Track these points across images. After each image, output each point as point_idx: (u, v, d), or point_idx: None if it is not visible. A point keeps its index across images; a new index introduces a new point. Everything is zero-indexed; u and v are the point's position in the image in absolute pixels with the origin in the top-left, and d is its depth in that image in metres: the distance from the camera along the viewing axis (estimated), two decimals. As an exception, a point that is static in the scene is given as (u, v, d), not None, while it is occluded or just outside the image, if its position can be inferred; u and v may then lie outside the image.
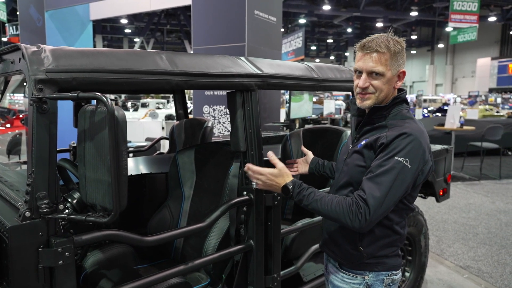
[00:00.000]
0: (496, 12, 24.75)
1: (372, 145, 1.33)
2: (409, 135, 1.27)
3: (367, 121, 1.40)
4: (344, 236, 1.40)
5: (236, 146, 1.67)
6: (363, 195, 1.24)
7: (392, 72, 1.34)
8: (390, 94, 1.37)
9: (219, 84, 1.56)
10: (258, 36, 5.76)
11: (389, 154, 1.25)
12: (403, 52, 1.36)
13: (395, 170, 1.23)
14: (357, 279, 1.40)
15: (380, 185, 1.23)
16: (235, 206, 1.60)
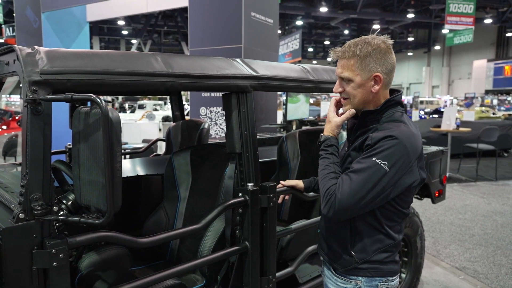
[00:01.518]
0: (492, 15, 24.88)
1: (360, 147, 1.32)
2: (394, 138, 1.23)
3: (360, 124, 1.38)
4: (337, 240, 1.39)
5: (231, 147, 1.67)
6: (336, 187, 1.26)
7: (361, 77, 1.31)
8: (369, 99, 1.34)
9: (214, 85, 1.57)
10: (255, 38, 5.77)
11: (369, 153, 1.25)
12: (376, 54, 1.30)
13: (370, 170, 1.22)
14: (349, 284, 1.37)
15: (351, 181, 1.23)
16: (230, 207, 1.60)
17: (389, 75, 1.34)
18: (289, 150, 2.64)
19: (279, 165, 2.66)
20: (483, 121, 12.31)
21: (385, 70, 1.32)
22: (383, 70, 1.32)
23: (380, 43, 1.32)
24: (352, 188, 1.22)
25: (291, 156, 2.63)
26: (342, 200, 1.23)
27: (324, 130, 1.43)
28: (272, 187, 1.68)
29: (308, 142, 2.60)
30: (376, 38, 1.34)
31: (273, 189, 1.68)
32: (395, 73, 1.39)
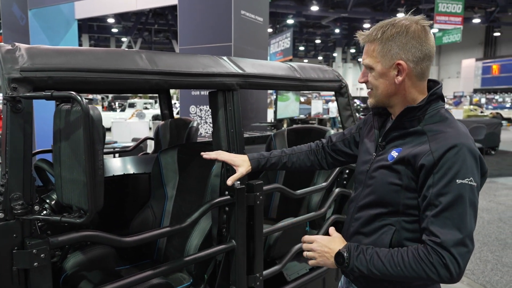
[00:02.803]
0: (480, 14, 25.18)
1: (409, 161, 1.08)
2: (460, 147, 1.02)
3: (396, 125, 1.15)
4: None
5: (218, 145, 1.66)
6: (439, 241, 1.00)
7: (382, 64, 1.12)
8: (392, 91, 1.14)
9: (200, 83, 1.56)
10: (245, 36, 5.76)
11: (447, 178, 1.01)
12: (400, 38, 1.09)
13: (464, 195, 1.01)
14: None
15: (455, 219, 1.00)
16: (216, 206, 1.60)
17: (418, 64, 1.10)
18: (278, 148, 2.63)
19: (267, 163, 2.66)
20: (471, 119, 12.46)
21: (411, 57, 1.09)
22: (409, 57, 1.09)
23: (408, 24, 1.10)
24: (461, 227, 1.00)
25: (280, 154, 2.63)
26: (459, 244, 0.99)
27: (335, 248, 1.16)
28: (258, 185, 1.68)
29: (297, 140, 2.60)
30: (407, 18, 1.12)
31: (259, 187, 1.68)
32: None
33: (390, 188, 1.11)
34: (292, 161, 1.52)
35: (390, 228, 1.13)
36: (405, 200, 1.10)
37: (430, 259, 1.01)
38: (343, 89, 2.26)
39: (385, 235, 1.14)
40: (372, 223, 1.17)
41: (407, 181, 1.09)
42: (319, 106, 15.50)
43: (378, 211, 1.16)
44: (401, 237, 1.12)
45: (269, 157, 1.50)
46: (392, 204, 1.12)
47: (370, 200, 1.18)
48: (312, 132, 2.56)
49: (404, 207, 1.10)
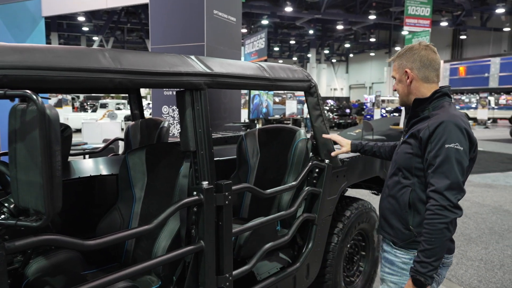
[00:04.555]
0: (447, 18, 26.08)
1: (415, 135, 1.52)
2: (447, 123, 1.44)
3: (413, 115, 1.60)
4: (397, 219, 1.59)
5: (185, 145, 1.64)
6: (434, 188, 1.42)
7: (398, 73, 1.61)
8: (408, 91, 1.59)
9: (166, 82, 1.53)
10: (218, 36, 5.73)
11: (438, 144, 1.43)
12: (407, 53, 1.57)
13: (451, 155, 1.41)
14: (408, 255, 1.57)
15: (446, 172, 1.41)
16: (183, 207, 1.58)
17: (421, 70, 1.55)
18: (249, 148, 2.64)
19: (238, 163, 2.66)
20: (440, 119, 12.87)
21: (415, 65, 1.56)
22: (413, 65, 1.56)
23: (415, 44, 1.59)
24: (451, 177, 1.40)
25: (251, 154, 2.63)
26: (449, 188, 1.40)
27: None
28: (227, 185, 1.67)
29: (268, 140, 2.61)
30: (417, 43, 1.59)
31: (228, 187, 1.67)
32: (359, 72, 1.50)
33: (406, 156, 1.56)
34: (380, 151, 1.99)
35: (407, 189, 1.55)
36: (415, 164, 1.52)
37: (433, 211, 1.40)
38: (312, 89, 2.29)
39: (404, 195, 1.55)
40: (395, 187, 1.60)
41: (416, 149, 1.52)
42: (294, 106, 15.62)
43: (398, 177, 1.59)
44: (416, 196, 1.53)
45: (364, 145, 2.06)
46: (407, 169, 1.55)
47: (394, 169, 1.62)
48: (283, 132, 2.57)
49: (415, 169, 1.52)
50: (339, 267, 2.57)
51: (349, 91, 45.20)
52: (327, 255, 2.47)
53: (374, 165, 2.89)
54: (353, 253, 2.86)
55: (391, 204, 1.61)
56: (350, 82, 45.23)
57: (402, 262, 1.58)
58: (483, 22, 26.81)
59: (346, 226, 2.59)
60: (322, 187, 2.30)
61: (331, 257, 2.48)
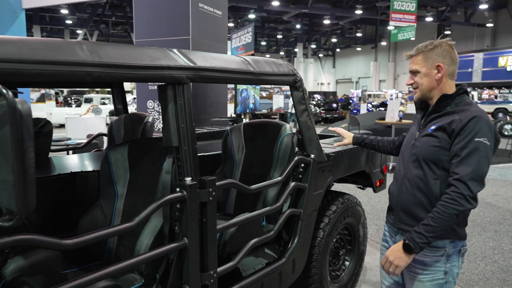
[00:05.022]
0: (432, 13, 26.34)
1: (445, 128, 1.55)
2: (479, 117, 1.50)
3: (434, 109, 1.64)
4: (426, 211, 1.58)
5: (168, 141, 1.61)
6: (458, 176, 1.48)
7: (426, 67, 1.62)
8: (434, 85, 1.62)
9: (147, 76, 1.49)
10: (203, 30, 5.66)
11: (468, 137, 1.49)
12: (437, 49, 1.61)
13: (479, 148, 1.48)
14: (439, 251, 1.60)
15: (472, 164, 1.47)
16: (166, 204, 1.54)
17: (451, 66, 1.62)
18: (234, 143, 2.61)
19: (224, 158, 2.63)
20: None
21: (447, 61, 1.61)
22: (445, 61, 1.61)
23: (441, 42, 1.63)
24: (473, 167, 1.46)
25: (236, 149, 2.61)
26: (471, 178, 1.46)
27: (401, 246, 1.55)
28: (211, 181, 1.64)
29: (253, 135, 2.59)
30: (441, 40, 1.65)
31: (212, 183, 1.64)
32: (346, 67, 1.50)
33: (432, 150, 1.58)
34: (379, 145, 2.09)
35: (437, 182, 1.58)
36: (443, 157, 1.56)
37: (452, 197, 1.47)
38: (298, 83, 2.27)
39: (434, 187, 1.58)
40: (421, 179, 1.61)
41: (444, 143, 1.56)
42: (281, 101, 15.61)
43: (424, 169, 1.60)
44: (445, 188, 1.54)
45: (365, 138, 2.15)
46: (433, 162, 1.58)
47: (416, 160, 1.63)
48: (268, 127, 2.55)
49: (444, 162, 1.56)
50: (325, 262, 2.57)
51: (336, 85, 45.40)
52: (313, 249, 2.47)
53: (360, 159, 2.90)
54: (339, 247, 2.87)
55: (416, 198, 1.62)
56: (337, 76, 45.43)
57: (434, 260, 1.61)
58: (467, 18, 27.16)
59: (332, 220, 2.59)
60: (308, 182, 2.29)
61: (317, 251, 2.48)
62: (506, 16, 26.83)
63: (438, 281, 1.60)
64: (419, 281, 1.63)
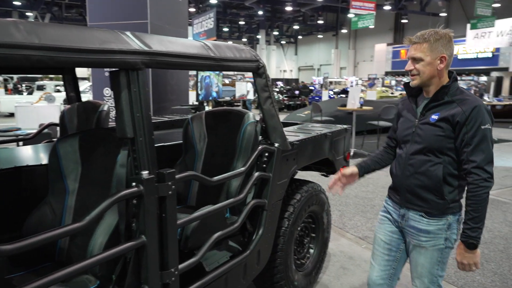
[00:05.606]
0: (390, 2, 26.98)
1: (449, 119, 1.67)
2: (479, 107, 1.65)
3: (433, 99, 1.74)
4: (431, 192, 1.75)
5: (122, 132, 1.48)
6: (475, 164, 1.63)
7: (431, 57, 1.68)
8: (435, 75, 1.71)
9: (96, 61, 1.35)
10: (162, 14, 5.42)
11: (475, 126, 1.63)
12: (443, 40, 1.68)
13: (487, 135, 1.64)
14: (441, 221, 1.77)
15: (484, 150, 1.63)
16: (121, 200, 1.43)
17: (450, 58, 1.71)
18: (195, 132, 2.51)
19: (185, 148, 2.52)
20: (383, 100, 13.38)
21: (448, 53, 1.69)
22: (447, 53, 1.69)
23: (445, 32, 1.70)
24: (487, 153, 1.64)
25: (198, 138, 2.50)
26: (487, 163, 1.63)
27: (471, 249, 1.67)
28: (170, 174, 1.54)
29: (215, 124, 2.49)
30: (442, 30, 1.71)
31: (171, 176, 1.54)
32: (308, 54, 1.44)
33: (436, 138, 1.70)
34: (381, 161, 2.09)
35: (439, 166, 1.72)
36: (447, 145, 1.70)
37: (477, 184, 1.63)
38: (261, 69, 2.19)
39: (438, 171, 1.72)
40: (425, 164, 1.75)
41: (448, 132, 1.69)
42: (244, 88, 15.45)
43: (428, 156, 1.74)
44: (447, 171, 1.72)
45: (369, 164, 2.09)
46: (437, 149, 1.71)
47: (421, 149, 1.76)
48: (231, 115, 2.46)
49: (446, 149, 1.70)
50: (290, 251, 2.55)
51: (298, 72, 45.77)
52: (278, 239, 2.44)
53: (323, 147, 2.89)
54: (304, 235, 2.86)
55: (421, 181, 1.77)
56: (299, 64, 45.76)
57: (437, 228, 1.77)
58: (422, 7, 28.04)
59: (297, 209, 2.56)
60: (272, 172, 2.24)
61: (282, 241, 2.45)
62: (458, 6, 28.00)
63: (439, 246, 1.78)
64: (422, 247, 1.81)
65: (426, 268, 1.82)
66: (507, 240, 3.81)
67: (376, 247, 2.02)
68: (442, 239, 1.78)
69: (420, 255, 1.83)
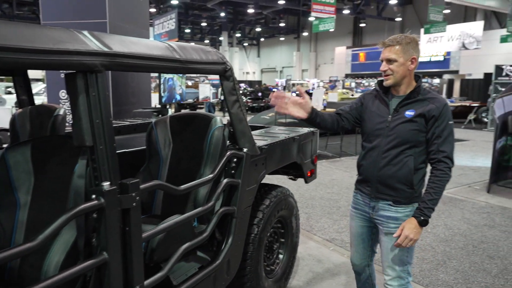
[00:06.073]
0: (349, 6, 27.74)
1: (425, 114, 1.86)
2: (447, 104, 1.89)
3: (407, 97, 1.91)
4: (401, 182, 1.92)
5: (80, 140, 1.36)
6: (446, 154, 1.84)
7: (404, 58, 1.86)
8: (406, 74, 1.89)
9: (49, 63, 1.23)
10: (122, 13, 5.21)
11: (445, 121, 1.85)
12: (412, 44, 1.87)
13: (452, 130, 1.88)
14: (408, 208, 1.94)
15: (451, 142, 1.87)
16: (79, 214, 1.30)
17: (418, 59, 1.91)
18: (160, 138, 2.39)
19: (149, 154, 2.40)
20: (344, 102, 13.69)
21: (417, 55, 1.89)
22: (417, 55, 1.89)
23: (414, 37, 1.90)
24: (453, 145, 1.88)
25: (162, 144, 2.39)
26: (452, 155, 1.87)
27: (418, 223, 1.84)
28: (134, 184, 1.43)
29: (180, 128, 2.39)
30: (411, 35, 1.91)
31: (135, 187, 1.44)
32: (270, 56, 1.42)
33: (412, 133, 1.88)
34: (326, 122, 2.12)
35: (411, 157, 1.90)
36: (419, 138, 1.89)
37: (445, 171, 1.85)
38: (228, 72, 2.11)
39: (409, 162, 1.90)
40: (398, 157, 1.91)
41: (421, 126, 1.88)
42: (207, 90, 15.29)
43: (401, 149, 1.91)
44: (417, 161, 1.91)
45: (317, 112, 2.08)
46: (411, 142, 1.89)
47: (395, 143, 1.91)
48: (197, 119, 2.37)
49: (417, 142, 1.89)
50: (259, 258, 2.49)
51: (261, 74, 45.99)
52: (248, 247, 2.37)
53: (292, 151, 2.86)
54: (273, 241, 2.81)
55: (392, 171, 1.92)
56: (262, 66, 46.00)
57: (405, 215, 1.93)
58: (379, 12, 29.05)
59: (266, 215, 2.51)
60: (241, 178, 2.17)
61: (252, 249, 2.39)
62: (412, 12, 29.25)
63: None
64: (391, 234, 1.94)
65: (397, 256, 1.96)
66: (466, 237, 3.97)
67: (351, 237, 2.23)
68: None
69: (390, 242, 1.95)
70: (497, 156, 5.65)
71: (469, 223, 4.39)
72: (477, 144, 10.15)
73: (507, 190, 5.70)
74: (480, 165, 7.48)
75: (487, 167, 7.08)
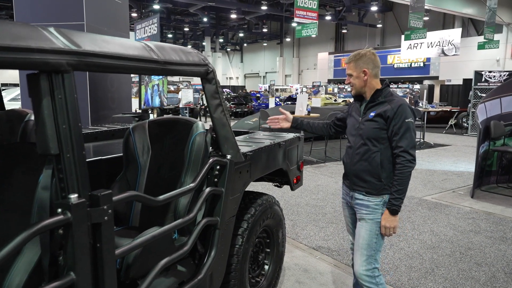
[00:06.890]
0: (331, 12, 28.04)
1: (382, 115, 2.09)
2: (403, 104, 2.08)
3: (371, 100, 2.16)
4: (371, 175, 2.13)
5: (44, 147, 1.22)
6: (402, 148, 2.04)
7: (357, 72, 2.15)
8: (363, 84, 2.16)
9: (7, 61, 1.09)
10: (101, 16, 5.04)
11: (401, 119, 2.05)
12: (363, 58, 2.13)
13: (410, 126, 2.06)
14: (378, 199, 2.14)
15: (408, 138, 2.05)
16: (42, 231, 1.16)
17: (374, 69, 2.14)
18: (138, 144, 2.25)
19: (126, 162, 2.26)
20: (328, 107, 13.73)
21: (370, 66, 2.13)
22: (369, 67, 2.13)
23: (366, 52, 2.15)
24: (410, 139, 2.06)
25: (140, 150, 2.25)
26: (411, 148, 2.05)
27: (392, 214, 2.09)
28: (106, 196, 1.30)
29: (160, 134, 2.26)
30: (366, 50, 2.16)
31: (107, 199, 1.30)
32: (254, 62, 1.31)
33: (374, 131, 2.12)
34: (314, 126, 2.57)
35: (377, 153, 2.12)
36: (381, 135, 2.11)
37: (403, 164, 2.05)
38: (210, 74, 2.00)
39: (376, 158, 2.12)
40: (367, 153, 2.15)
41: (382, 125, 2.10)
42: (190, 95, 15.08)
43: (369, 146, 2.14)
44: (383, 156, 2.11)
45: (302, 120, 2.58)
46: (375, 139, 2.12)
47: (363, 140, 2.16)
48: (177, 124, 2.24)
49: (381, 139, 2.11)
50: (244, 270, 2.36)
51: (245, 80, 45.97)
52: (232, 259, 2.25)
53: (277, 157, 2.75)
54: (258, 251, 2.69)
55: (364, 166, 2.16)
56: (245, 71, 46.00)
57: (375, 204, 2.14)
58: (360, 18, 29.46)
59: (251, 225, 2.39)
60: (225, 186, 2.05)
61: (236, 261, 2.26)
62: (393, 19, 29.77)
63: (377, 219, 2.14)
64: (363, 220, 2.17)
65: (366, 240, 2.16)
66: (453, 244, 3.93)
67: (347, 227, 2.47)
68: (379, 213, 2.14)
69: (362, 228, 2.19)
70: (480, 161, 5.68)
71: (455, 229, 4.36)
72: (458, 149, 10.27)
73: (490, 195, 5.73)
74: (463, 170, 7.54)
75: (470, 172, 7.13)
